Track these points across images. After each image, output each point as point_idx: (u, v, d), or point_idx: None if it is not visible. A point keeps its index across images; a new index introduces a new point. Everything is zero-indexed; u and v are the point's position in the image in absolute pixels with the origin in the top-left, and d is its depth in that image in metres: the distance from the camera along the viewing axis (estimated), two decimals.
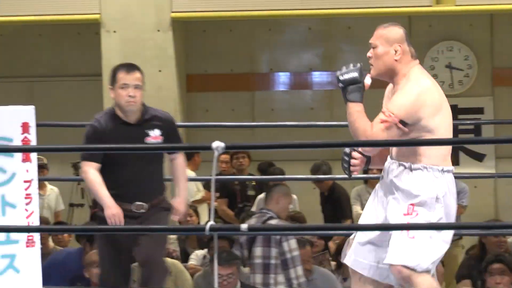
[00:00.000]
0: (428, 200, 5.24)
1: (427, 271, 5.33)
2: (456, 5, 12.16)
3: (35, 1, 13.05)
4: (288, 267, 8.86)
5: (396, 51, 5.21)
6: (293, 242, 8.89)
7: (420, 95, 5.19)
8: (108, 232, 7.40)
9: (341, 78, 5.28)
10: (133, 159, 6.59)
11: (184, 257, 10.19)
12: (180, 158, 6.94)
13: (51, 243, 10.59)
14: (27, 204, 6.35)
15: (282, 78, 14.33)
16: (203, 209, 11.82)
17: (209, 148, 5.06)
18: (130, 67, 6.92)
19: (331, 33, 13.80)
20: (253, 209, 11.66)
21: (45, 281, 7.25)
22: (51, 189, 12.92)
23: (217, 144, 5.05)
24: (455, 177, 5.58)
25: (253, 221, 9.23)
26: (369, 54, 5.43)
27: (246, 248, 9.07)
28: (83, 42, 14.11)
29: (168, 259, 8.84)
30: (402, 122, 5.19)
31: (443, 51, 13.04)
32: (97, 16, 12.67)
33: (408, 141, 5.22)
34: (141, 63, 8.96)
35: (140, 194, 6.64)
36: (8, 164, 6.32)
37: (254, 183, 12.10)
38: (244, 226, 5.67)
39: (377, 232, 5.37)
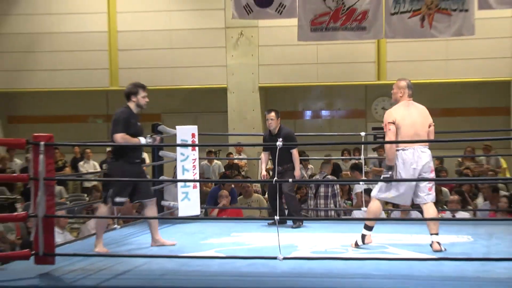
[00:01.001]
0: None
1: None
2: None
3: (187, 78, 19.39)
4: (335, 197, 12.25)
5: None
6: (337, 187, 12.26)
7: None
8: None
9: None
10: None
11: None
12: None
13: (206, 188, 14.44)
14: (193, 169, 9.99)
15: None
16: None
17: None
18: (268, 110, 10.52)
19: None
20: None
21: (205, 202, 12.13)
22: (216, 162, 17.41)
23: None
24: None
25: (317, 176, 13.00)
26: None
27: (315, 188, 12.24)
28: (215, 97, 19.80)
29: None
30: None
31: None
32: (225, 85, 19.03)
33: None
34: (246, 108, 15.83)
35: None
36: (186, 151, 9.96)
37: None
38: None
39: None
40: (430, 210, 8.16)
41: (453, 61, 18.40)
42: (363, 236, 8.23)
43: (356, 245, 8.27)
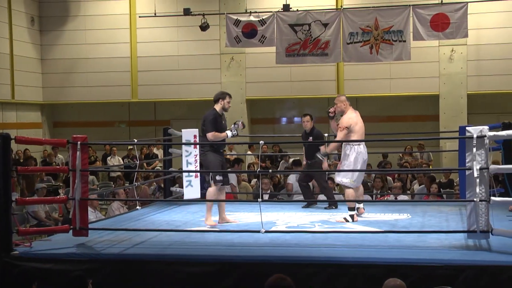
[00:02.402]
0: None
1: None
2: None
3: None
4: None
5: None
6: None
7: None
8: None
9: None
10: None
11: None
12: None
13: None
14: (195, 162, 9.20)
15: None
16: None
17: None
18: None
19: None
20: None
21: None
22: None
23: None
24: None
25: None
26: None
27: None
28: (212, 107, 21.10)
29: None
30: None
31: None
32: None
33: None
34: (236, 116, 16.19)
35: None
36: (189, 148, 9.26)
37: None
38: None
39: None
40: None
41: (395, 80, 18.43)
42: (351, 216, 8.28)
43: (346, 220, 8.30)
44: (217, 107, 8.23)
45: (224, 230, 7.74)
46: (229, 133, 8.11)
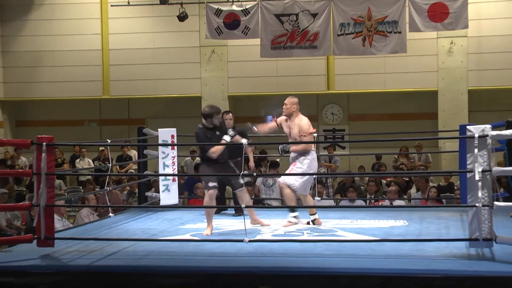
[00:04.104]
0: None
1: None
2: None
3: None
4: None
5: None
6: None
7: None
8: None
9: None
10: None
11: None
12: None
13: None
14: (172, 164, 10.01)
15: None
16: None
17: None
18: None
19: None
20: None
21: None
22: (198, 158, 16.49)
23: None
24: None
25: None
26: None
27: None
28: (191, 104, 19.27)
29: None
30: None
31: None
32: (199, 94, 19.12)
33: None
34: None
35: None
36: (166, 149, 9.97)
37: None
38: None
39: None
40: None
41: (390, 74, 18.49)
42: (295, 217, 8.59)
43: (290, 223, 8.57)
44: (206, 122, 8.34)
45: (204, 239, 7.72)
46: (226, 138, 8.11)
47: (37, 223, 7.02)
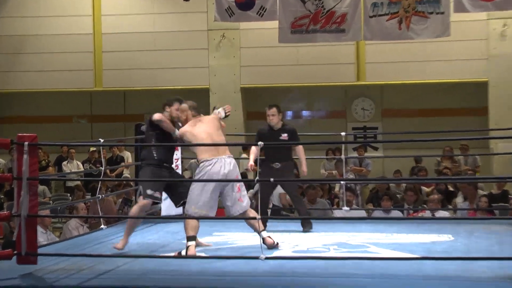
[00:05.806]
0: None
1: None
2: None
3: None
4: None
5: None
6: None
7: None
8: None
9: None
10: None
11: None
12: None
13: None
14: (176, 168, 9.99)
15: None
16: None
17: None
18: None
19: None
20: None
21: None
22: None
23: None
24: None
25: None
26: None
27: None
28: (197, 98, 18.36)
29: None
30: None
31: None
32: (207, 86, 19.10)
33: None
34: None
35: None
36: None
37: None
38: None
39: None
40: None
41: (430, 62, 18.42)
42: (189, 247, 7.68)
43: (180, 254, 7.77)
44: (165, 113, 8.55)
45: (213, 256, 7.70)
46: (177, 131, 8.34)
47: (17, 236, 7.00)
